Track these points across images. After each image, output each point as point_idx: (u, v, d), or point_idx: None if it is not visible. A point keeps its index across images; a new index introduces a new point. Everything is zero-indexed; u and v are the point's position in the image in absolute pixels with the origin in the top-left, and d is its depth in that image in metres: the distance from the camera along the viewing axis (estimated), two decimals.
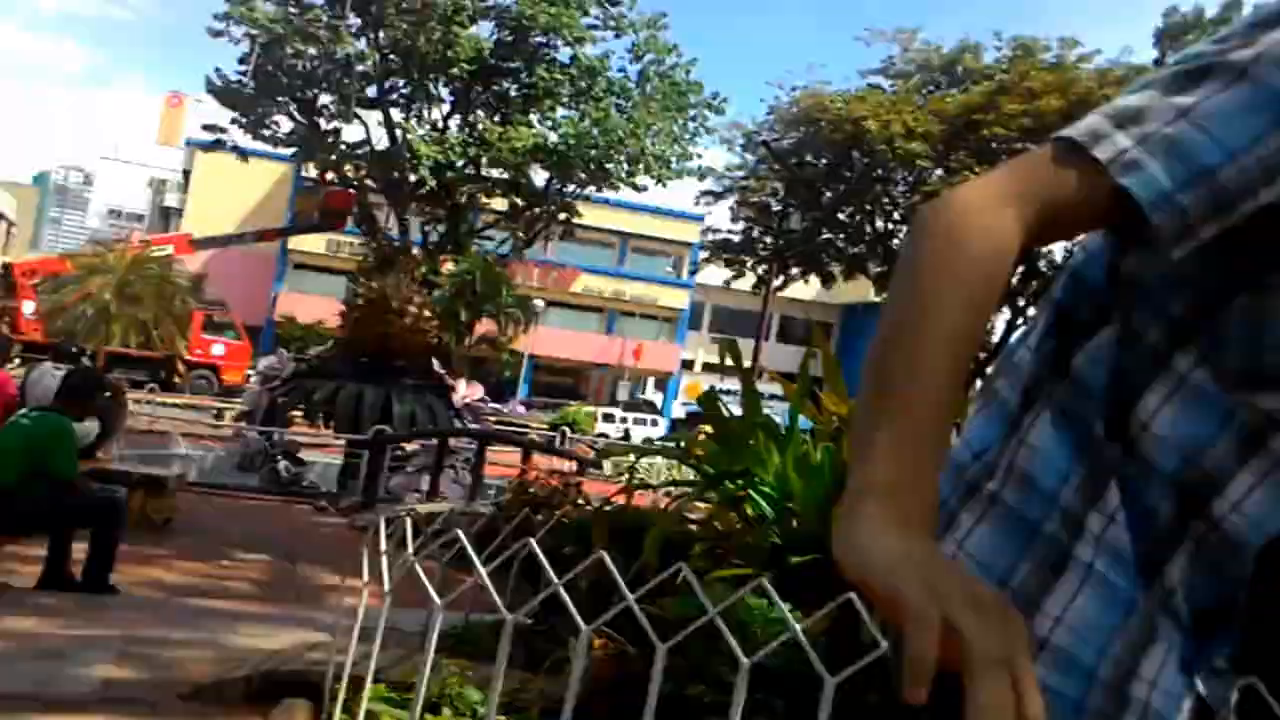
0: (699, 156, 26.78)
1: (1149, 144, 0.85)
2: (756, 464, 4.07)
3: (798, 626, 2.95)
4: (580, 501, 5.59)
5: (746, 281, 27.15)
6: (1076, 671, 0.97)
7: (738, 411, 4.23)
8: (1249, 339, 0.92)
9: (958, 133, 20.50)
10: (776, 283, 24.92)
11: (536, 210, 27.55)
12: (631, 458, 8.59)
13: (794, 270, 25.35)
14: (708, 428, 4.44)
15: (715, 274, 30.39)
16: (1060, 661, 0.97)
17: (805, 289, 28.13)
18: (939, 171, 21.36)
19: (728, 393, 5.70)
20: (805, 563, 3.71)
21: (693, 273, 37.83)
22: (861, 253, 23.97)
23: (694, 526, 4.41)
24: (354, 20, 24.77)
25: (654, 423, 34.58)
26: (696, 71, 26.59)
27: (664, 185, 27.84)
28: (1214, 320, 0.93)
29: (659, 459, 7.50)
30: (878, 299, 27.32)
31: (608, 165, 25.61)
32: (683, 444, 4.41)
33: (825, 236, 24.32)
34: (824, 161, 23.24)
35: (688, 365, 45.01)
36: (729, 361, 4.31)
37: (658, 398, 42.20)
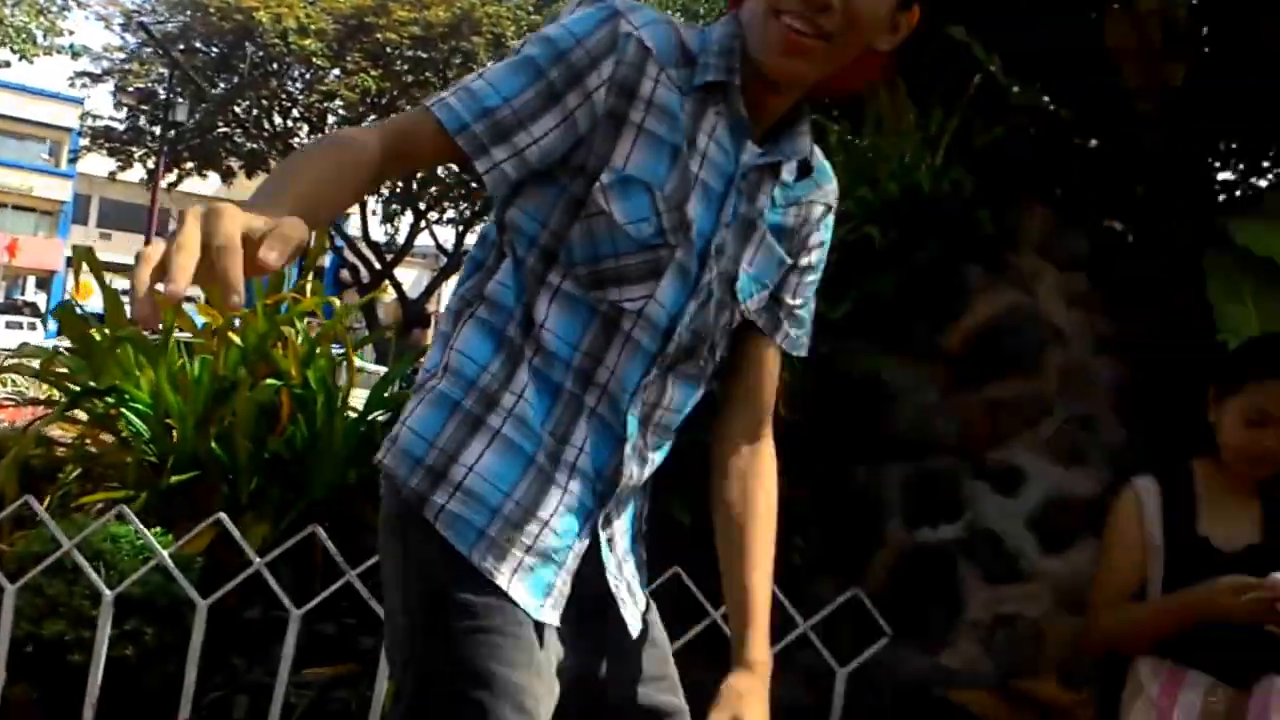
0: (70, 33, 23.92)
1: (458, 93, 1.25)
2: (126, 379, 4.01)
3: (164, 552, 3.09)
4: None
5: (136, 173, 25.02)
6: (483, 508, 1.29)
7: None
8: (589, 253, 1.30)
9: (350, 32, 20.50)
10: (172, 177, 23.33)
11: None
12: None
13: (189, 164, 23.84)
14: (67, 340, 4.26)
15: (100, 164, 27.56)
16: (470, 500, 1.29)
17: (205, 184, 26.58)
18: (336, 71, 21.23)
19: (126, 293, 5.44)
20: (184, 482, 3.78)
21: (73, 161, 33.93)
22: (261, 149, 23.18)
23: (62, 449, 4.25)
24: None
25: (32, 326, 30.93)
26: None
27: (29, 61, 24.52)
28: (566, 243, 1.31)
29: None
30: None
31: None
32: (38, 359, 4.19)
33: (221, 130, 23.14)
34: (214, 50, 21.97)
35: (74, 264, 40.59)
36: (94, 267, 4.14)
37: (40, 299, 37.69)
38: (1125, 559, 2.31)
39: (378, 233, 25.31)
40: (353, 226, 26.85)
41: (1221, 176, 4.81)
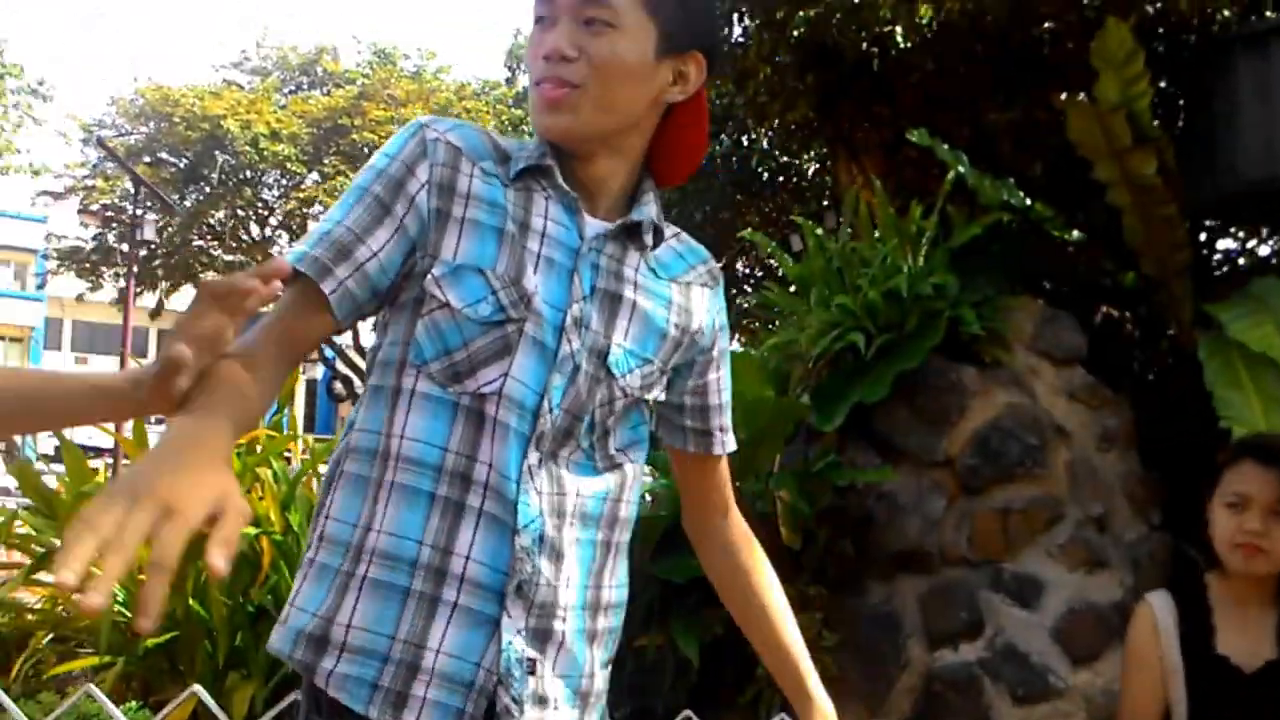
0: (28, 151, 24.25)
1: (303, 240, 1.32)
2: None
3: None
4: None
5: (108, 293, 25.17)
6: (371, 659, 1.27)
7: None
8: (438, 348, 1.31)
9: (325, 136, 20.80)
10: (151, 299, 23.46)
11: None
12: None
13: (163, 282, 23.99)
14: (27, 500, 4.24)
15: (69, 284, 27.74)
16: (357, 656, 1.27)
17: (185, 299, 26.65)
18: (314, 175, 21.50)
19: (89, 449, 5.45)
20: (163, 643, 3.74)
21: (40, 286, 34.17)
22: (240, 260, 23.35)
23: (32, 614, 4.21)
24: None
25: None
26: (10, 54, 23.97)
27: None
28: (413, 344, 1.32)
29: None
30: (263, 308, 26.87)
31: None
32: None
33: (196, 243, 23.33)
34: (182, 161, 22.26)
35: None
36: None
37: None
38: (1145, 682, 2.30)
39: (369, 338, 25.48)
40: (344, 335, 26.95)
41: (1222, 245, 4.89)
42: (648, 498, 3.87)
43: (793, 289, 4.29)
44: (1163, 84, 4.28)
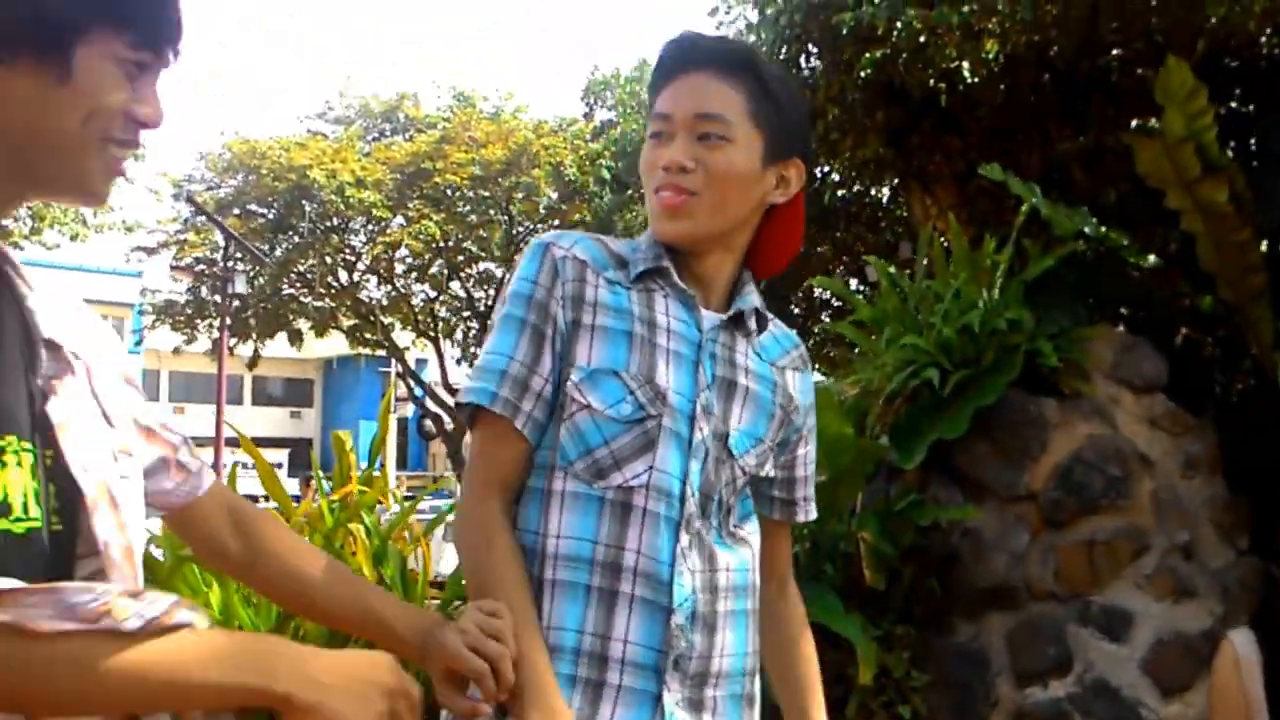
0: (120, 208, 25.17)
1: (471, 379, 1.50)
2: (195, 598, 4.16)
3: None
4: None
5: (202, 344, 26.06)
6: None
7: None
8: (581, 448, 1.46)
9: (409, 180, 21.35)
10: (245, 346, 24.20)
11: None
12: None
13: (255, 331, 24.75)
14: None
15: (165, 337, 28.77)
16: None
17: (280, 347, 27.39)
18: (398, 220, 22.06)
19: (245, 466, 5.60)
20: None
21: (137, 341, 35.51)
22: (330, 306, 24.00)
23: None
24: None
25: None
26: None
27: (80, 241, 25.83)
28: (558, 448, 1.47)
29: None
30: (353, 352, 27.50)
31: (2, 222, 23.26)
32: None
33: (287, 292, 24.05)
34: (270, 213, 23.01)
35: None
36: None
37: None
38: (1231, 719, 2.37)
39: (457, 375, 25.89)
40: (431, 371, 27.36)
41: None
42: None
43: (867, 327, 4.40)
44: (1234, 104, 4.32)
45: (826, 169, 6.23)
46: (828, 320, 7.70)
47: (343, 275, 23.75)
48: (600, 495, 1.45)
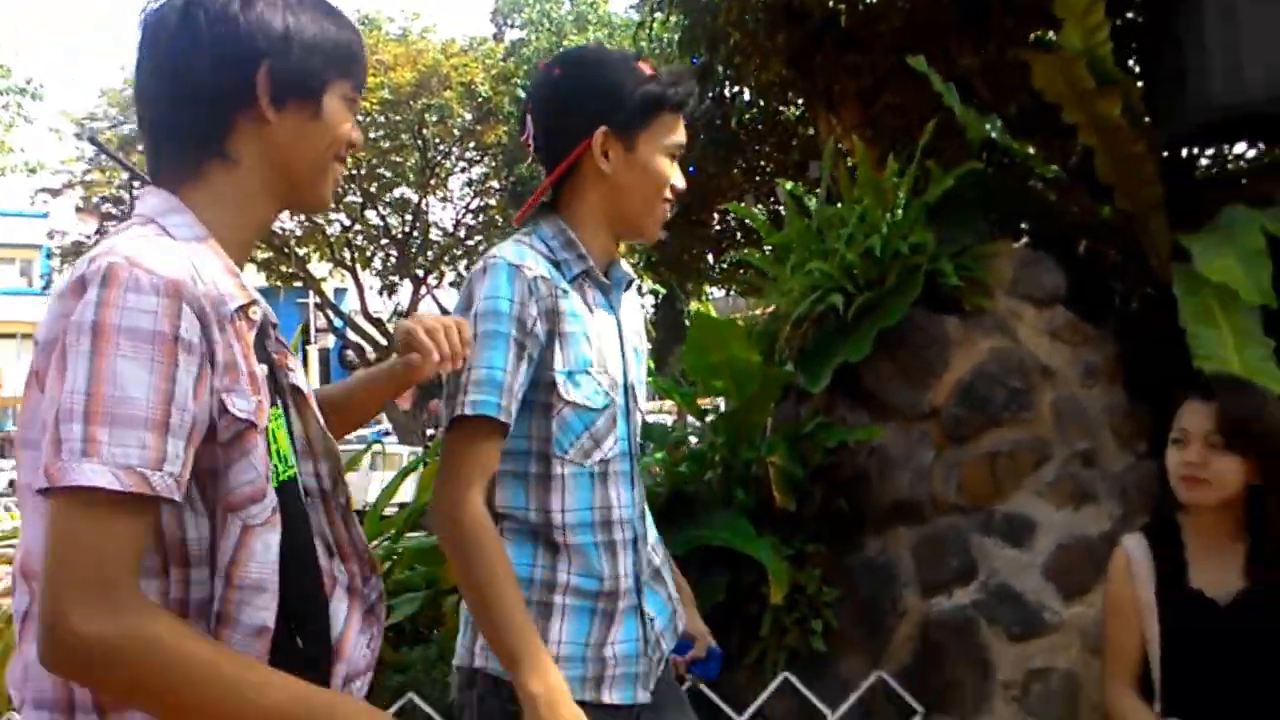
0: (22, 149, 24.38)
1: (474, 389, 1.75)
2: None
3: None
4: None
5: None
6: (575, 662, 1.82)
7: None
8: (570, 436, 1.84)
9: None
10: None
11: None
12: None
13: None
14: None
15: None
16: (566, 663, 1.80)
17: None
18: None
19: None
20: None
21: (46, 284, 34.55)
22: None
23: None
24: None
25: None
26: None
27: None
28: (553, 440, 1.83)
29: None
30: (269, 285, 27.05)
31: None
32: None
33: None
34: None
35: None
36: None
37: None
38: (1124, 623, 2.48)
39: (377, 304, 25.67)
40: (350, 301, 27.08)
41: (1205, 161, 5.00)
42: (653, 470, 4.06)
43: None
44: (1131, 15, 4.38)
45: (736, 89, 6.23)
46: (743, 242, 7.75)
47: None
48: (590, 471, 1.85)
